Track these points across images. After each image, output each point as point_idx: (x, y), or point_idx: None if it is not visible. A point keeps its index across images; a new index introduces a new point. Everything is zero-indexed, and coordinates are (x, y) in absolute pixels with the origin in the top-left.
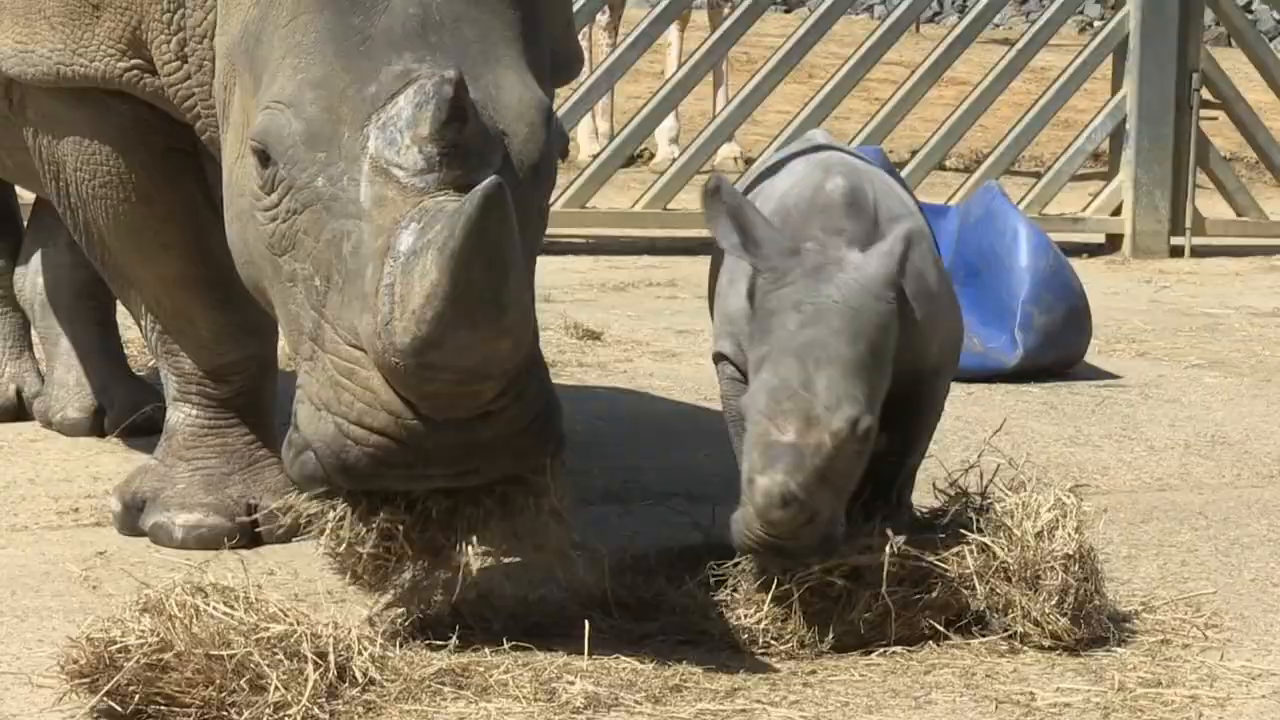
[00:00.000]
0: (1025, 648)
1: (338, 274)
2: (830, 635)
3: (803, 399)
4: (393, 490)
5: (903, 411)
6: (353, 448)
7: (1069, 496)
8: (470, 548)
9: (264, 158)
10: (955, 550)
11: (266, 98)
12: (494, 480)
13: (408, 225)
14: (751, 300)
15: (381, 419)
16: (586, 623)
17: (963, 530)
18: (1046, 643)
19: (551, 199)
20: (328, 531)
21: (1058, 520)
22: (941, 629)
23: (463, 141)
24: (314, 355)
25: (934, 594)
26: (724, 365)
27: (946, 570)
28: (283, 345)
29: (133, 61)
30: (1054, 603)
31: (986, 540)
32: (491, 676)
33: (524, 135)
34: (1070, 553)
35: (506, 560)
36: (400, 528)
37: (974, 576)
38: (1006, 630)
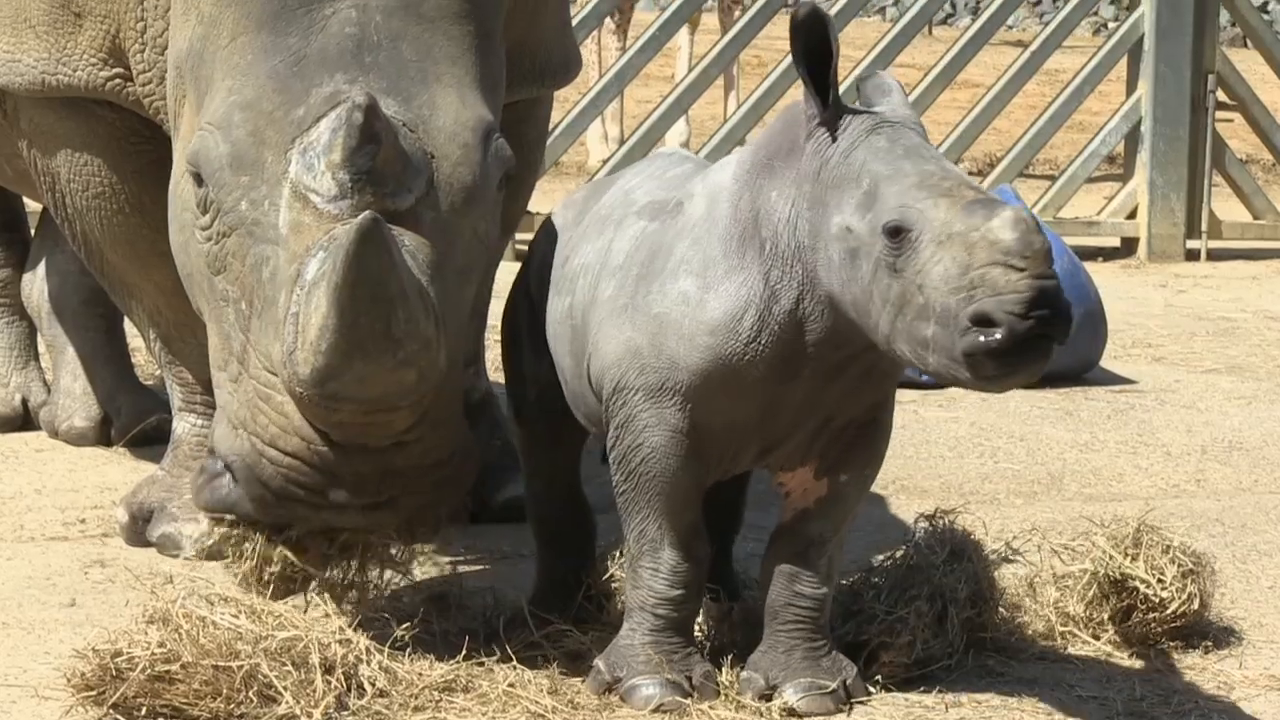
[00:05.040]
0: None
1: (258, 299)
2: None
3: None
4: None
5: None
6: (267, 466)
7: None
8: (375, 566)
9: (198, 179)
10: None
11: (202, 119)
12: (409, 513)
13: (315, 253)
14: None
15: (294, 443)
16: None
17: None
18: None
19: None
20: (235, 553)
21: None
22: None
23: (377, 167)
24: (239, 377)
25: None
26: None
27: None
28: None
29: (114, 70)
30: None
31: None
32: (501, 683)
33: (456, 157)
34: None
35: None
36: (307, 547)
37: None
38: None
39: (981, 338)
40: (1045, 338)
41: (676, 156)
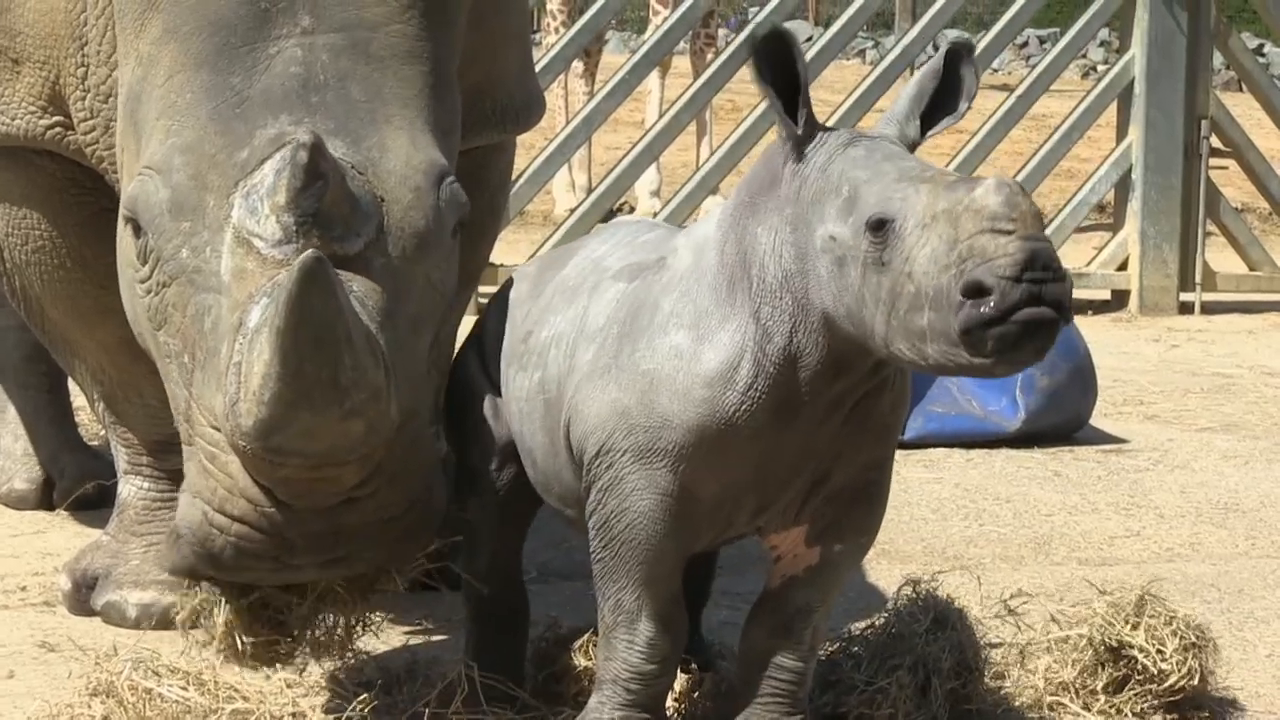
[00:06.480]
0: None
1: (200, 351)
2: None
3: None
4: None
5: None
6: (217, 536)
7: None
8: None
9: (136, 227)
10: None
11: (141, 162)
12: (367, 569)
13: (259, 300)
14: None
15: (241, 506)
16: None
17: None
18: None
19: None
20: (206, 623)
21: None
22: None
23: (323, 209)
24: (189, 438)
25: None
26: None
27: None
28: None
29: (54, 119)
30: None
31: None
32: None
33: (407, 201)
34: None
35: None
36: (281, 611)
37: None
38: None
39: (979, 309)
40: (1044, 308)
41: (645, 224)
